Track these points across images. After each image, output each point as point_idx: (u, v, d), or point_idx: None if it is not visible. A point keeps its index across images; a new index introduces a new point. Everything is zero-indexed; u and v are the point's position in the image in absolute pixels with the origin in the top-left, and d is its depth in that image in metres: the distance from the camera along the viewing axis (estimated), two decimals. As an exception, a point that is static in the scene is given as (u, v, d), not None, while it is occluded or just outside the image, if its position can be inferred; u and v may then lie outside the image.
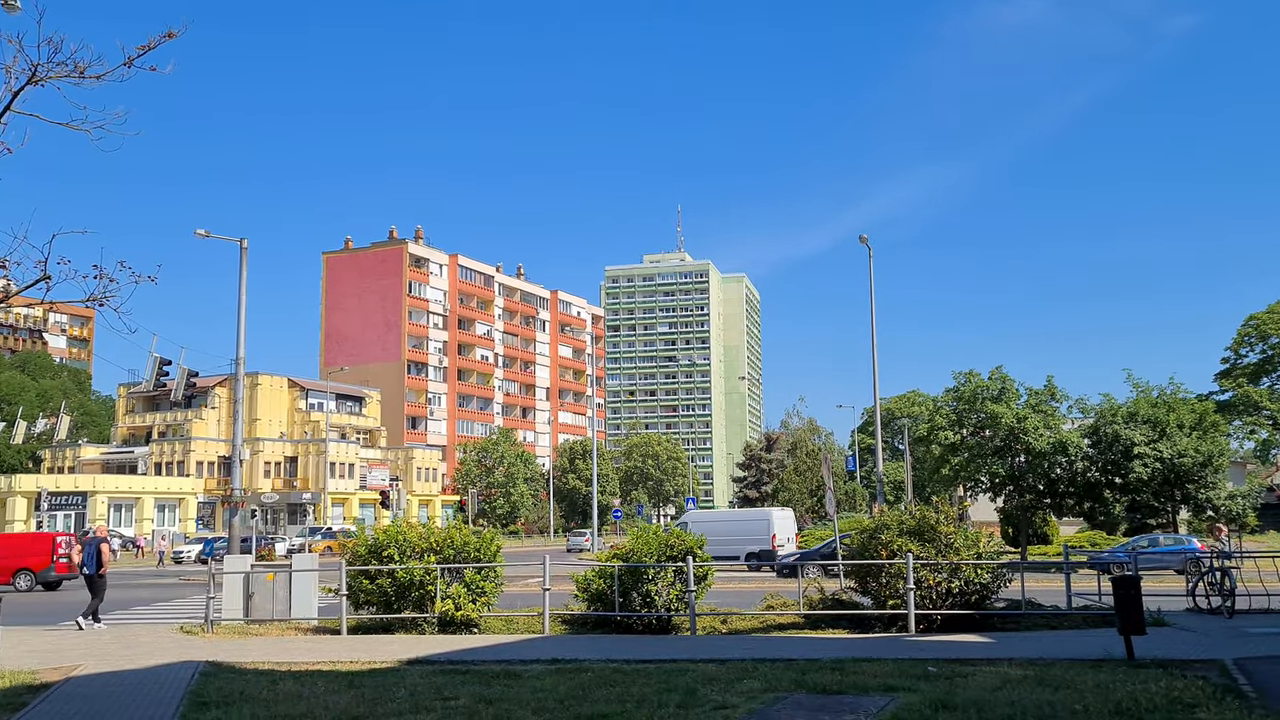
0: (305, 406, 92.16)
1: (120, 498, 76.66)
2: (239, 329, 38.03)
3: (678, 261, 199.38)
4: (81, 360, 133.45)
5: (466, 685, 11.49)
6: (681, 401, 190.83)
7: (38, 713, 10.15)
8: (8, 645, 14.29)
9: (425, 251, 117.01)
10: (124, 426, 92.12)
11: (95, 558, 19.44)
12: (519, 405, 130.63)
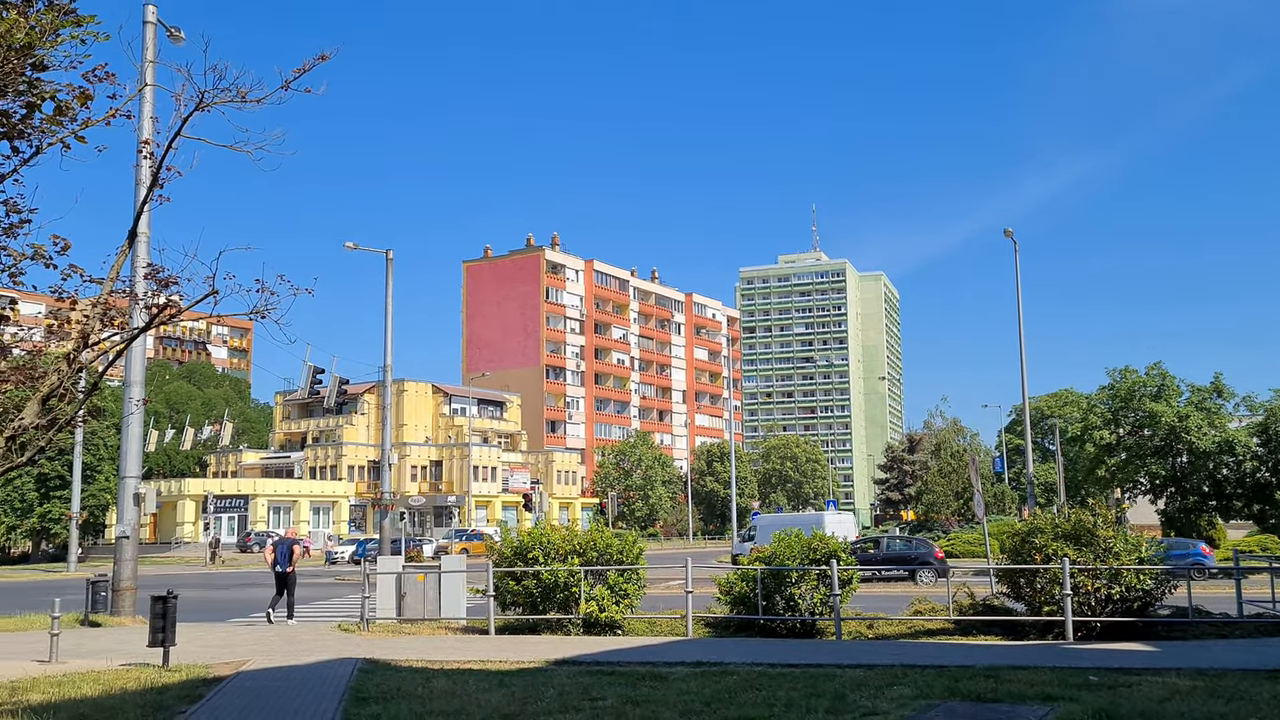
0: (449, 412, 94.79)
1: (279, 501, 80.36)
2: (386, 338, 39.43)
3: (813, 261, 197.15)
4: (241, 370, 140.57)
5: (613, 686, 11.59)
6: (819, 403, 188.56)
7: (213, 706, 10.71)
8: (183, 640, 15.11)
9: (562, 258, 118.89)
10: (281, 433, 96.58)
11: (288, 556, 20.67)
12: (655, 408, 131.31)
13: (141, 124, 17.91)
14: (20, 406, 10.38)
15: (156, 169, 10.15)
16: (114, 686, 11.95)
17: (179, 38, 22.15)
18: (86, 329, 10.39)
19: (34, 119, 8.98)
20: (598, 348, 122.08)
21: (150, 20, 21.67)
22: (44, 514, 69.01)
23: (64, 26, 8.68)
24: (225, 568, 55.00)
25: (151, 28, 21.64)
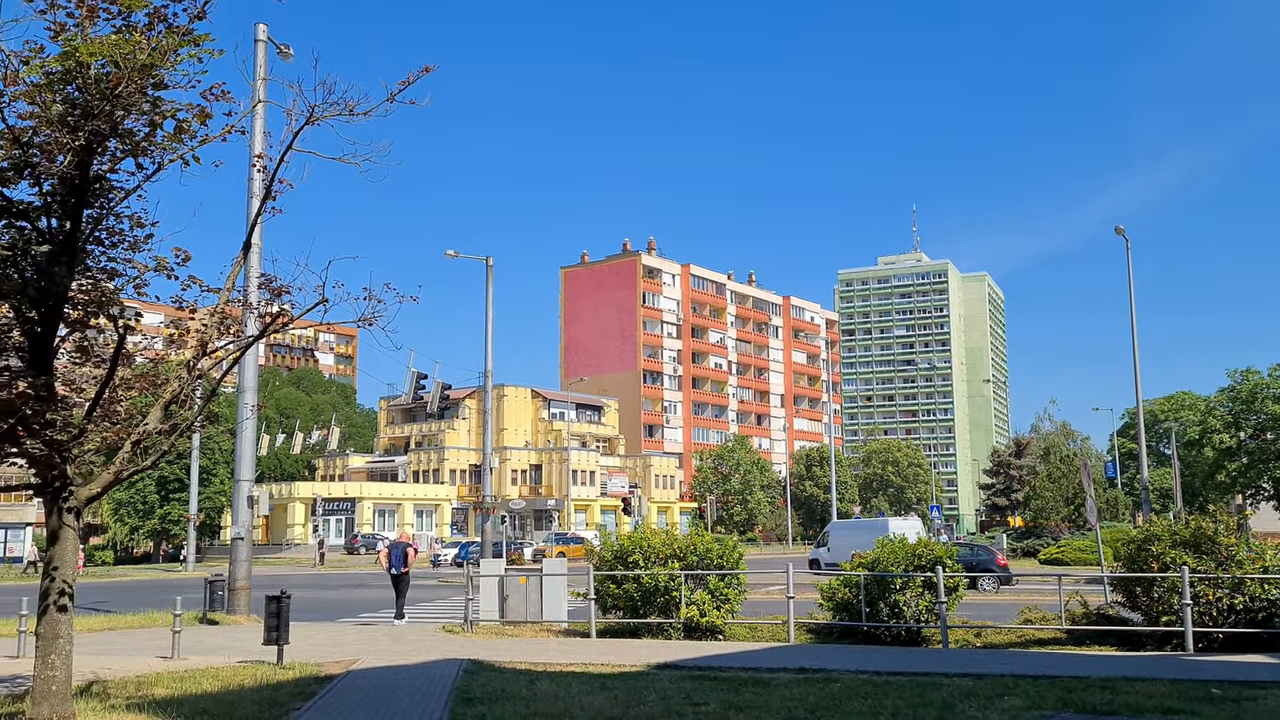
0: (548, 416, 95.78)
1: (384, 504, 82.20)
2: (486, 344, 40.02)
3: (914, 262, 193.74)
4: (347, 376, 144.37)
5: (715, 691, 11.54)
6: (921, 406, 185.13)
7: (325, 703, 10.99)
8: (295, 639, 15.54)
9: (658, 262, 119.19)
10: (385, 437, 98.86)
11: (403, 559, 21.20)
12: (753, 412, 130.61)
13: (253, 139, 18.55)
14: (145, 412, 10.83)
15: (269, 182, 10.50)
16: (232, 683, 12.37)
17: (288, 54, 22.87)
18: (205, 337, 10.78)
19: (156, 137, 9.37)
20: (695, 352, 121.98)
21: (261, 39, 22.42)
22: (164, 515, 71.85)
23: (182, 46, 9.01)
24: (333, 569, 56.49)
25: (262, 45, 22.39)
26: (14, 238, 9.20)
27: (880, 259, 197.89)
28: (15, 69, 8.36)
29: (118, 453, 10.42)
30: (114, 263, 10.20)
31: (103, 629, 20.07)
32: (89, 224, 9.63)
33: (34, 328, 9.58)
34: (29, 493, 12.19)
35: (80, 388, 10.93)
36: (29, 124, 8.61)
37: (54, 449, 9.38)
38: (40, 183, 9.06)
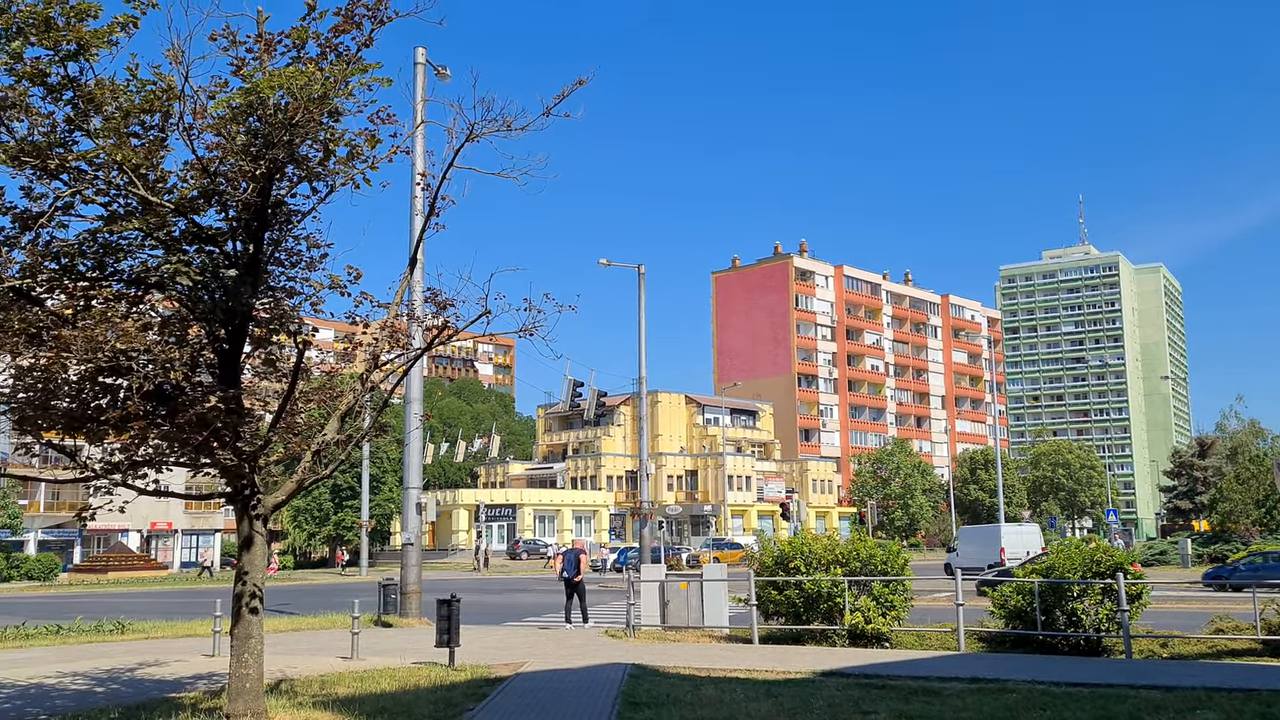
0: (702, 422, 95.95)
1: (543, 510, 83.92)
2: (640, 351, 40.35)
3: (1081, 255, 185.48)
4: (505, 385, 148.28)
5: (884, 700, 11.29)
6: (1093, 406, 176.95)
7: (496, 704, 11.29)
8: (465, 641, 15.99)
9: (810, 264, 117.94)
10: (543, 444, 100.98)
11: (575, 565, 21.68)
12: (913, 414, 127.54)
13: (415, 158, 19.26)
14: (322, 424, 11.38)
15: (433, 199, 10.87)
16: (408, 683, 12.83)
17: (445, 76, 23.68)
18: (376, 350, 11.25)
19: (329, 161, 9.83)
20: (850, 354, 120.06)
21: (420, 62, 23.32)
22: (338, 522, 75.34)
23: (352, 74, 9.42)
24: (496, 574, 57.99)
25: (421, 68, 23.27)
26: (204, 262, 9.80)
27: (1045, 253, 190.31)
28: (203, 104, 8.91)
29: (298, 462, 10.98)
30: (292, 282, 10.74)
31: (287, 630, 21.14)
32: (270, 246, 10.17)
33: (223, 345, 10.19)
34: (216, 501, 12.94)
35: (265, 401, 11.57)
36: (215, 154, 9.16)
37: (243, 459, 9.93)
38: (226, 209, 9.63)
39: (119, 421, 9.48)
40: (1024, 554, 42.05)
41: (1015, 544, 43.23)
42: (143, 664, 15.71)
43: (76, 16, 8.21)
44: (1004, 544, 42.77)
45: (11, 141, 8.60)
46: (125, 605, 33.85)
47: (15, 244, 9.29)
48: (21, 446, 10.55)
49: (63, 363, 9.06)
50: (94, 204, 9.27)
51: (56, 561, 66.28)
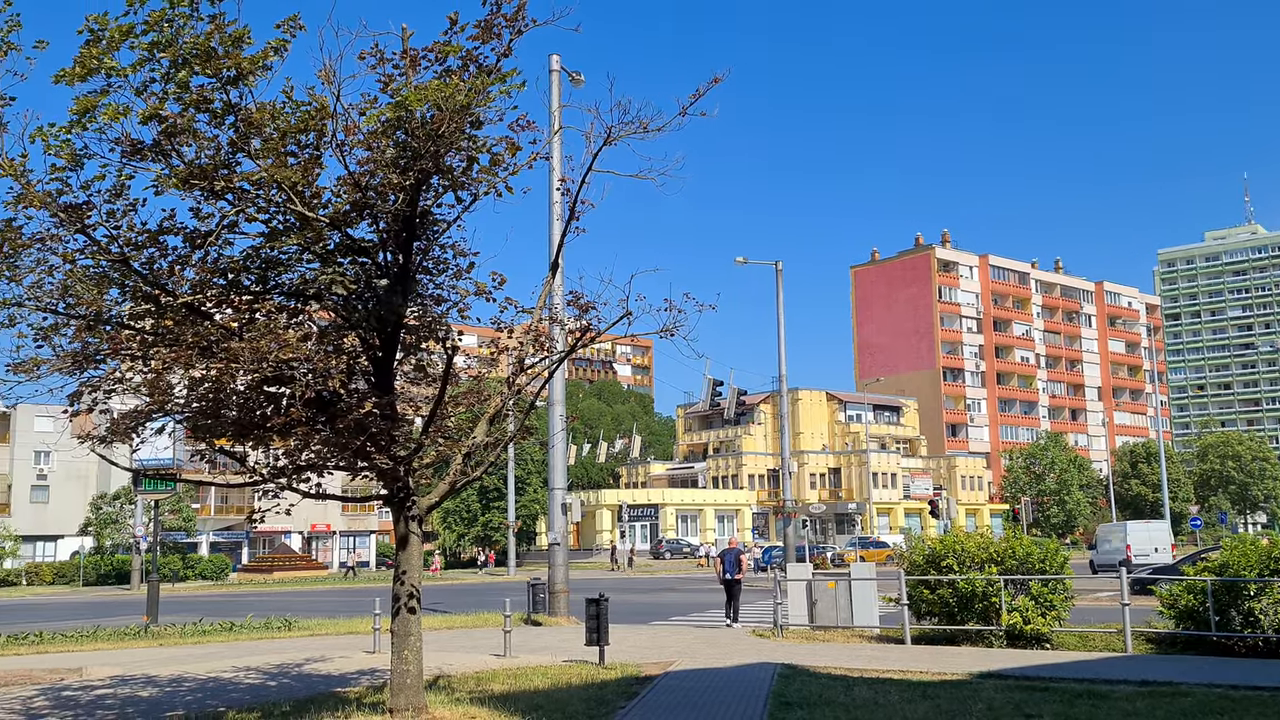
0: (844, 418, 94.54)
1: (685, 509, 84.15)
2: (779, 348, 40.05)
3: (1248, 235, 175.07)
4: (644, 386, 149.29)
5: (1048, 704, 10.87)
6: (1265, 394, 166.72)
7: (648, 703, 11.36)
8: (613, 640, 16.13)
9: (953, 255, 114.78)
10: (684, 444, 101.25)
11: (735, 565, 21.77)
12: (1066, 407, 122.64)
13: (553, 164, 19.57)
14: (471, 427, 11.68)
15: (572, 203, 11.02)
16: (560, 680, 13.04)
17: (579, 81, 24.02)
18: (521, 354, 11.48)
19: (472, 171, 10.08)
20: (998, 346, 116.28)
21: (555, 69, 23.71)
22: (486, 523, 77.24)
23: (492, 85, 9.63)
24: (640, 573, 58.45)
25: (556, 75, 23.66)
26: (358, 273, 10.18)
27: (1207, 234, 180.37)
28: (354, 121, 9.25)
29: (448, 464, 11.30)
30: (440, 289, 11.06)
31: (441, 628, 21.77)
32: (418, 255, 10.49)
33: (376, 353, 10.56)
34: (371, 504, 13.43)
35: (416, 406, 11.94)
36: (366, 169, 9.51)
37: (398, 462, 10.28)
38: (377, 221, 9.97)
39: (283, 428, 9.93)
40: (1151, 551, 41.79)
41: (1142, 541, 42.67)
42: (309, 659, 16.43)
43: (233, 44, 8.63)
44: (1130, 541, 42.34)
45: (181, 166, 9.10)
46: (290, 603, 35.51)
47: (186, 262, 9.85)
48: (197, 453, 11.18)
49: (232, 373, 9.55)
50: (256, 221, 9.73)
51: (227, 562, 70.04)
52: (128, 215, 9.60)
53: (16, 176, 8.86)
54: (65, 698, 12.91)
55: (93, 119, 8.64)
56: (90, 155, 9.02)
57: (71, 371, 10.17)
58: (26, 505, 73.09)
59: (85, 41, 8.46)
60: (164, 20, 8.45)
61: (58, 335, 9.95)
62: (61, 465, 71.66)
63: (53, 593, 57.51)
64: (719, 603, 30.68)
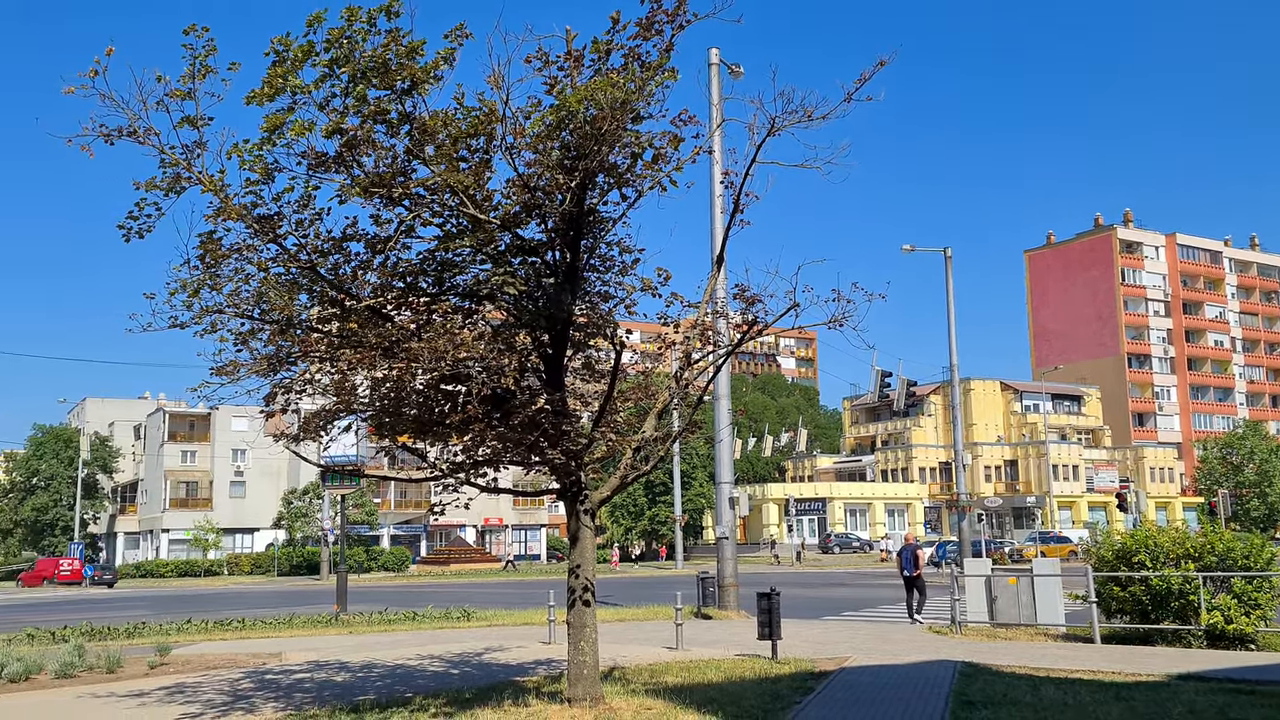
0: (1020, 409, 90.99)
1: (853, 503, 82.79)
2: (950, 337, 38.89)
3: None
4: (809, 378, 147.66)
5: (1256, 709, 10.17)
6: None
7: (824, 698, 11.22)
8: (785, 634, 16.01)
9: (1136, 235, 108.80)
10: (850, 437, 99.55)
11: (913, 560, 21.40)
12: (1267, 393, 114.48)
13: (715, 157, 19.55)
14: (639, 422, 11.80)
15: (736, 196, 10.97)
16: (733, 674, 13.03)
17: (739, 73, 23.90)
18: (688, 349, 11.51)
19: (636, 167, 10.16)
20: (1188, 330, 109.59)
21: (714, 62, 23.67)
22: (652, 517, 77.97)
23: (652, 80, 9.68)
24: (809, 567, 57.85)
25: (715, 68, 23.61)
26: (528, 272, 10.43)
27: None
28: (520, 124, 9.47)
29: (617, 459, 11.44)
30: (607, 286, 11.22)
31: (613, 620, 22.08)
32: (585, 253, 10.66)
33: (547, 350, 10.80)
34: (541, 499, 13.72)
35: (587, 401, 12.15)
36: (534, 170, 9.72)
37: (570, 457, 10.48)
38: (545, 221, 10.19)
39: (460, 424, 10.27)
40: None
41: None
42: (488, 649, 16.97)
43: (407, 55, 8.96)
44: None
45: (362, 175, 9.52)
46: (466, 595, 36.76)
47: (368, 267, 10.30)
48: (381, 450, 11.70)
49: (412, 372, 9.94)
50: (431, 226, 10.10)
51: (407, 554, 73.13)
52: (314, 224, 10.11)
53: (216, 192, 9.45)
54: (267, 680, 13.74)
55: (281, 135, 9.12)
56: (280, 169, 9.54)
57: (266, 374, 10.79)
58: (226, 500, 78.17)
59: (271, 62, 8.95)
60: (343, 37, 8.85)
61: (254, 340, 10.56)
62: (256, 462, 76.33)
63: (251, 582, 61.36)
64: (892, 599, 30.09)
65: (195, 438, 79.23)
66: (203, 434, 79.04)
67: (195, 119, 9.16)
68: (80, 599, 45.15)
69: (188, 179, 9.47)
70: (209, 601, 38.35)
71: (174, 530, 75.32)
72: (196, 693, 12.69)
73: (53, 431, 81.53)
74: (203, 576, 67.31)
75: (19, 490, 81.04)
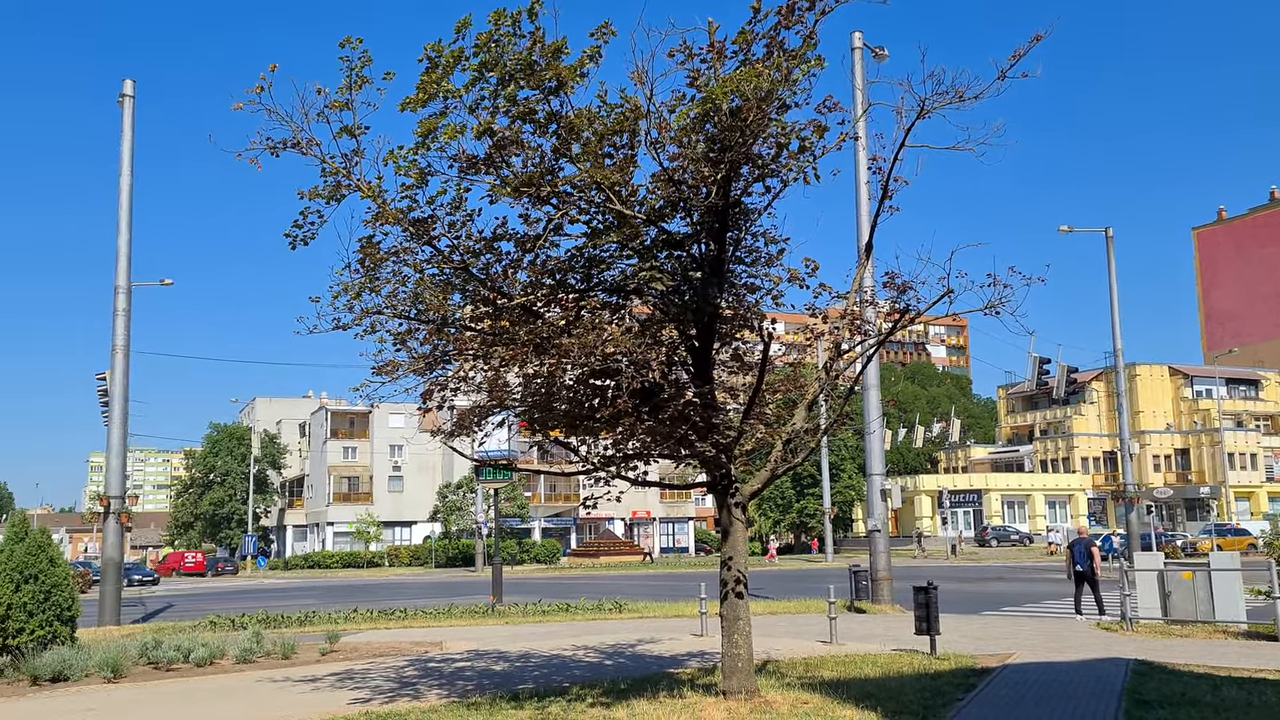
0: (1191, 395, 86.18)
1: (1011, 495, 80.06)
2: (1113, 321, 37.22)
3: None
4: (960, 367, 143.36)
5: None
6: None
7: (988, 695, 10.88)
8: (943, 630, 15.60)
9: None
10: (1006, 426, 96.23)
11: (1087, 556, 20.72)
12: None
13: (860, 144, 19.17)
14: (788, 414, 11.68)
15: (885, 182, 10.70)
16: (890, 669, 12.78)
17: (883, 56, 23.38)
18: (837, 339, 11.32)
19: (781, 157, 10.05)
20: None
21: (857, 46, 23.20)
22: (800, 509, 77.25)
23: (795, 68, 9.55)
24: (965, 561, 56.23)
25: (859, 52, 23.14)
26: (673, 266, 10.45)
27: None
28: (664, 118, 9.48)
29: (766, 452, 11.35)
30: (753, 278, 11.14)
31: (764, 613, 21.95)
32: (731, 245, 10.61)
33: (694, 344, 10.80)
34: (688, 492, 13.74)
35: (735, 394, 12.10)
36: (678, 164, 9.72)
37: (720, 450, 10.46)
38: (690, 214, 10.18)
39: (610, 419, 10.39)
40: None
41: None
42: (640, 640, 17.11)
43: (553, 55, 9.09)
44: None
45: (511, 175, 9.72)
46: (617, 587, 37.19)
47: (518, 265, 10.51)
48: (533, 444, 11.95)
49: (562, 368, 10.11)
50: (578, 223, 10.23)
51: (558, 546, 74.52)
52: (466, 225, 10.37)
53: (374, 197, 9.80)
54: (430, 668, 14.21)
55: (434, 139, 9.39)
56: (433, 173, 9.82)
57: (423, 372, 11.12)
58: (385, 494, 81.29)
59: (424, 69, 9.22)
60: (490, 41, 9.04)
61: (411, 339, 10.91)
62: (413, 457, 79.11)
63: (410, 573, 63.65)
64: (1054, 593, 28.99)
65: (355, 434, 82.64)
66: (362, 431, 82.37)
67: (353, 128, 9.52)
68: (254, 589, 47.74)
69: (347, 186, 9.86)
70: (371, 592, 39.97)
71: (338, 523, 78.77)
72: (365, 679, 13.23)
73: (227, 430, 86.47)
74: (365, 568, 70.19)
75: (198, 486, 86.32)
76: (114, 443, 26.22)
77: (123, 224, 26.15)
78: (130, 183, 26.30)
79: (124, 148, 26.34)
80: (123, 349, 26.07)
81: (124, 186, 26.22)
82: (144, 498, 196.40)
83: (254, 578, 64.77)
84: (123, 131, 26.41)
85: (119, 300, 25.97)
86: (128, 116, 26.43)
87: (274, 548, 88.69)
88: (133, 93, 26.60)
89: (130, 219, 26.28)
